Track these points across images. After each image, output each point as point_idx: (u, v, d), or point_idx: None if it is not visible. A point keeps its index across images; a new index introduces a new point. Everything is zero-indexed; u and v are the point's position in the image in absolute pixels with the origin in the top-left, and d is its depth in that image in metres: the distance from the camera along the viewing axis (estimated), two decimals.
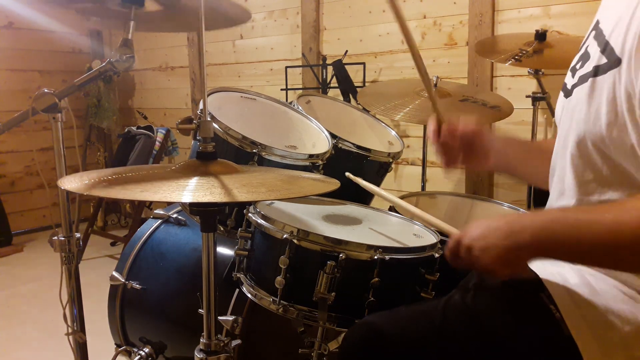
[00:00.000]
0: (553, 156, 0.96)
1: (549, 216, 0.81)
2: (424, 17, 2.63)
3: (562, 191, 0.92)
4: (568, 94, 0.93)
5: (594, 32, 0.89)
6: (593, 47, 0.86)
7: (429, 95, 1.13)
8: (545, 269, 0.92)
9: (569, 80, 0.94)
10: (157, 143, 3.41)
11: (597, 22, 0.89)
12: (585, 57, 0.88)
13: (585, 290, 0.85)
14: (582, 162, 0.86)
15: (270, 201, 1.24)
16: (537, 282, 0.89)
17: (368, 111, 1.90)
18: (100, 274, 2.77)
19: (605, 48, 0.82)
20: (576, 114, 0.86)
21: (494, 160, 1.10)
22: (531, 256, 0.80)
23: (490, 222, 0.82)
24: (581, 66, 0.89)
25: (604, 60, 0.81)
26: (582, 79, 0.86)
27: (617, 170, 0.81)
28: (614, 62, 0.79)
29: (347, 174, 1.31)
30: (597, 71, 0.83)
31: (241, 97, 1.59)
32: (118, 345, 1.67)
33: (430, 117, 1.09)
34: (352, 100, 2.49)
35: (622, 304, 0.82)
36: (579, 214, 0.77)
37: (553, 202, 0.96)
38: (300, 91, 2.59)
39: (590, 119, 0.82)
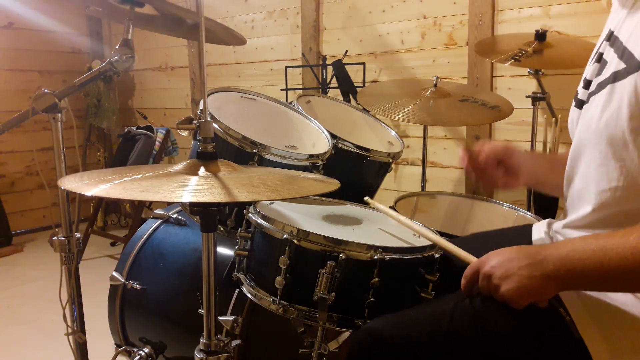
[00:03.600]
0: (567, 167, 0.96)
1: (570, 246, 0.79)
2: (424, 17, 2.63)
3: (580, 199, 0.91)
4: (582, 104, 0.92)
5: (607, 42, 0.89)
6: (609, 55, 0.86)
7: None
8: None
9: (582, 91, 0.93)
10: (157, 143, 3.41)
11: (611, 31, 0.89)
12: (602, 66, 0.88)
13: (595, 293, 0.84)
14: (600, 170, 0.85)
15: (270, 201, 1.24)
16: None
17: (368, 111, 1.90)
18: (100, 274, 2.76)
19: (624, 54, 0.82)
20: (594, 123, 0.85)
21: (524, 178, 1.12)
22: (555, 288, 0.79)
23: (510, 251, 0.82)
24: (597, 74, 0.88)
25: (622, 65, 0.81)
26: (600, 86, 0.86)
27: (635, 178, 0.81)
28: (634, 66, 0.78)
29: (366, 198, 1.29)
30: (615, 77, 0.82)
31: (241, 97, 1.59)
32: (118, 345, 1.68)
33: (461, 148, 1.15)
34: (352, 100, 2.49)
35: (633, 307, 0.82)
36: (599, 239, 0.76)
37: (569, 210, 0.95)
38: (300, 91, 2.59)
39: (610, 125, 0.81)
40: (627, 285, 0.76)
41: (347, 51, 2.80)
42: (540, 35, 1.94)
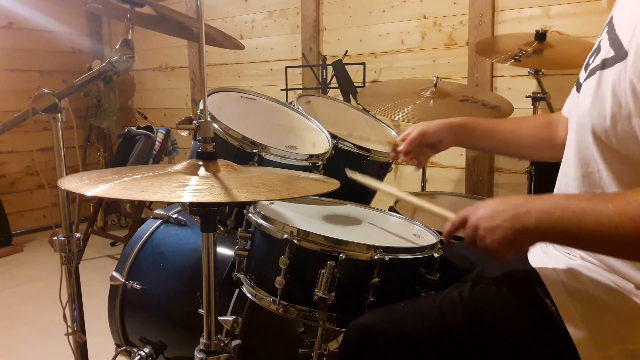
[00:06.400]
0: (565, 149, 0.97)
1: (553, 201, 0.81)
2: (424, 17, 2.63)
3: (567, 184, 0.93)
4: (579, 88, 0.94)
5: (607, 27, 0.90)
6: (604, 41, 0.87)
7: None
8: (544, 262, 0.92)
9: (581, 75, 0.95)
10: (157, 143, 3.41)
11: (611, 17, 0.90)
12: (597, 51, 0.89)
13: (581, 284, 0.86)
14: (585, 155, 0.87)
15: (270, 201, 1.24)
16: (534, 276, 0.90)
17: (368, 111, 1.90)
18: (100, 274, 2.77)
19: (614, 41, 0.83)
20: (582, 107, 0.87)
21: (447, 145, 1.30)
22: (535, 240, 0.83)
23: (497, 202, 0.84)
24: (592, 60, 0.90)
25: (612, 53, 0.82)
26: (592, 72, 0.87)
27: (618, 165, 0.82)
28: (621, 55, 0.79)
29: (347, 170, 1.31)
30: (604, 64, 0.83)
31: (241, 97, 1.59)
32: (118, 345, 1.68)
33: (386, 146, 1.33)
34: (352, 100, 2.49)
35: (618, 298, 0.83)
36: (582, 201, 0.77)
37: (559, 192, 0.97)
38: (300, 91, 2.59)
39: (595, 112, 0.83)
40: (598, 247, 0.79)
41: (347, 51, 2.80)
42: (540, 35, 1.94)
